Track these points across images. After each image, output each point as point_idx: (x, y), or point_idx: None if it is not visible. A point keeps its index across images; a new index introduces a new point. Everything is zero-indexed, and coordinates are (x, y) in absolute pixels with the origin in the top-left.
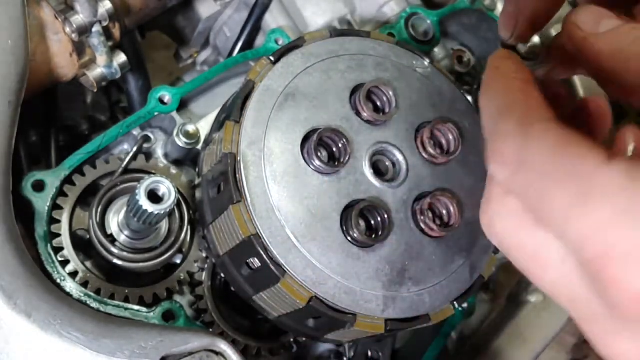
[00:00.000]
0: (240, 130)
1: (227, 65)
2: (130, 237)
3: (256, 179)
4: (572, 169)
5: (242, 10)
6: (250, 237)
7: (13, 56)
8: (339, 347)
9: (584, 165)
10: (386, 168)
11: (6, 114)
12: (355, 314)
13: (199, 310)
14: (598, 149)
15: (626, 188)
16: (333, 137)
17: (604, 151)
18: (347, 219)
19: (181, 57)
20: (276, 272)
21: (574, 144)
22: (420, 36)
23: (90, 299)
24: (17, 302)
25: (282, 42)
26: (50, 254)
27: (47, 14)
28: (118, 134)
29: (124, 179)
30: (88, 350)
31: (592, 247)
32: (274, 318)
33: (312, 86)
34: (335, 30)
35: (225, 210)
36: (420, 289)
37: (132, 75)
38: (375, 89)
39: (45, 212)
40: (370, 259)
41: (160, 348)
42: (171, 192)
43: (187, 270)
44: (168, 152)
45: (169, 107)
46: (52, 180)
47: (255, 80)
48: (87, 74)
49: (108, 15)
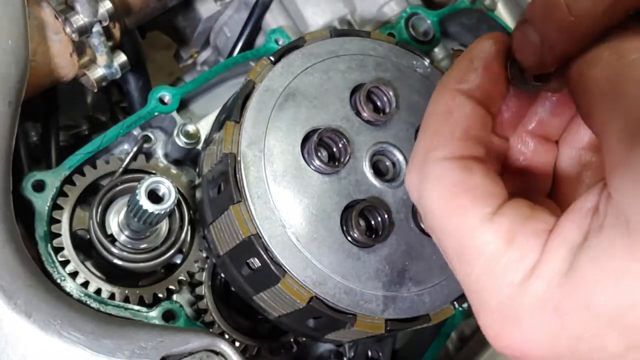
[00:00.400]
0: (241, 130)
1: (227, 65)
2: (131, 237)
3: (256, 179)
4: (455, 223)
5: (242, 10)
6: (250, 237)
7: (13, 56)
8: (339, 347)
9: (463, 226)
10: (386, 168)
11: (6, 114)
12: (355, 314)
13: (199, 310)
14: (484, 203)
15: (500, 251)
16: (333, 137)
17: (493, 203)
18: (347, 219)
19: (181, 57)
20: (276, 272)
21: (462, 195)
22: (420, 36)
23: (90, 299)
24: (17, 302)
25: (282, 42)
26: (51, 254)
27: (47, 14)
28: (118, 134)
29: (124, 179)
30: (88, 350)
31: (473, 300)
32: (274, 318)
33: (312, 86)
34: (335, 30)
35: (225, 210)
36: (421, 289)
37: (132, 75)
38: (375, 89)
39: (45, 212)
40: (370, 259)
41: (160, 348)
42: (171, 192)
43: (187, 270)
44: (168, 152)
45: (169, 107)
46: (52, 180)
47: (256, 80)
48: (87, 74)
49: (108, 15)
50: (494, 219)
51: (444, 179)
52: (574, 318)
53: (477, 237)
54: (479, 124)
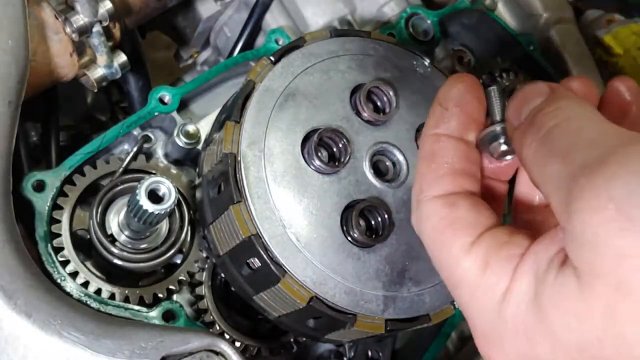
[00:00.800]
0: (241, 130)
1: (227, 65)
2: (131, 237)
3: (256, 179)
4: (443, 256)
5: (243, 10)
6: (250, 237)
7: (13, 56)
8: (339, 347)
9: (449, 257)
10: (386, 168)
11: (6, 114)
12: (355, 314)
13: (199, 310)
14: (464, 233)
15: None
16: (333, 137)
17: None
18: (348, 219)
19: (181, 57)
20: (276, 272)
21: (445, 229)
22: (420, 36)
23: (90, 299)
24: (17, 302)
25: (282, 42)
26: (51, 254)
27: (47, 14)
28: (118, 134)
29: (124, 179)
30: (88, 350)
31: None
32: (274, 318)
33: (313, 86)
34: (335, 30)
35: (225, 210)
36: (421, 289)
37: (132, 75)
38: (375, 89)
39: (45, 212)
40: (370, 259)
41: (160, 348)
42: (171, 192)
43: (187, 270)
44: (168, 152)
45: (169, 107)
46: (52, 180)
47: (256, 80)
48: (87, 74)
49: (108, 15)
50: (471, 249)
51: (432, 217)
52: (544, 345)
53: (459, 267)
54: (463, 158)
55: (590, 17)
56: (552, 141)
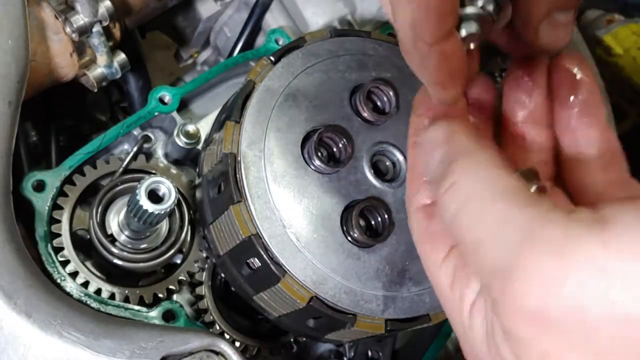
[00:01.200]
0: (241, 130)
1: (227, 65)
2: (131, 237)
3: (256, 179)
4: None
5: (242, 10)
6: (250, 237)
7: (13, 56)
8: (339, 347)
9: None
10: (386, 168)
11: (6, 114)
12: (355, 314)
13: (199, 310)
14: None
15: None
16: (333, 137)
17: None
18: (347, 219)
19: (181, 57)
20: (276, 272)
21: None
22: None
23: (90, 299)
24: (17, 302)
25: (282, 42)
26: (51, 254)
27: (47, 14)
28: (118, 134)
29: (124, 179)
30: (88, 350)
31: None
32: (274, 318)
33: (312, 86)
34: (335, 30)
35: (225, 210)
36: (421, 289)
37: (132, 75)
38: (375, 89)
39: (45, 212)
40: (370, 259)
41: (160, 348)
42: (171, 192)
43: (187, 270)
44: (168, 152)
45: (169, 107)
46: (52, 180)
47: (256, 80)
48: (87, 74)
49: (108, 15)
50: (442, 264)
51: (415, 228)
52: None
53: (435, 279)
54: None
55: (590, 17)
56: (459, 228)
